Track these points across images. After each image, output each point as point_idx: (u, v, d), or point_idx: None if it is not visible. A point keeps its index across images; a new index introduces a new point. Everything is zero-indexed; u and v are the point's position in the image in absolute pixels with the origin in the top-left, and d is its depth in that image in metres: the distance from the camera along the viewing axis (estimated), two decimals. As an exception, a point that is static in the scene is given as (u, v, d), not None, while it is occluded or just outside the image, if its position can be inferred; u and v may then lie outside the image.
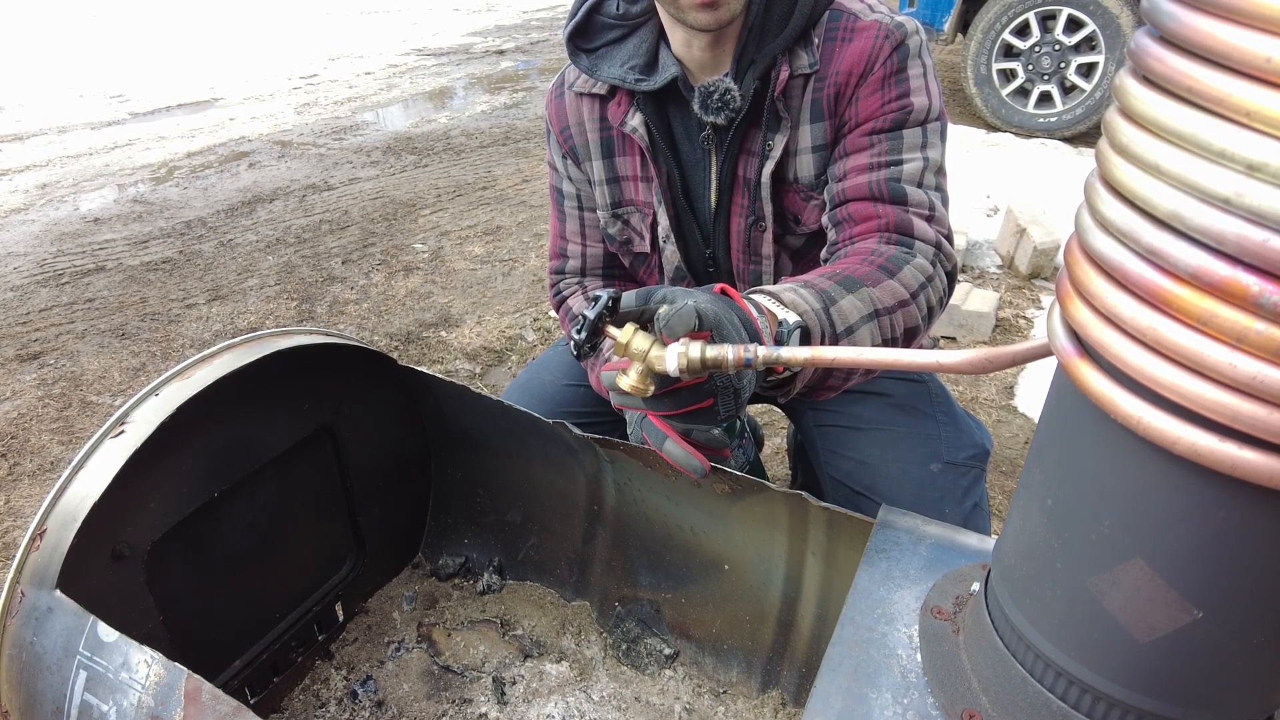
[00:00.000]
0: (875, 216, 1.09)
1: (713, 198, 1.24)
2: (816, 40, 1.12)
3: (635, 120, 1.20)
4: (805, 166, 1.18)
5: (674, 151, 1.23)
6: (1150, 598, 0.51)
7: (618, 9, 1.19)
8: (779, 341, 0.86)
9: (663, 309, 0.77)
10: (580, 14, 1.19)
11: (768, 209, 1.20)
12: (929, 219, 1.09)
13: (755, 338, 0.83)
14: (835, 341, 0.93)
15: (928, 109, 1.11)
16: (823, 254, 1.20)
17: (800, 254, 1.28)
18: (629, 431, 1.17)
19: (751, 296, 0.91)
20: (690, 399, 0.84)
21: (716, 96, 1.12)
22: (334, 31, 10.85)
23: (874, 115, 1.10)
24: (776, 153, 1.16)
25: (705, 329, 0.78)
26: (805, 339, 0.90)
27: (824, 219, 1.18)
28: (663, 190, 1.24)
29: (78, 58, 9.57)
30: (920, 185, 1.10)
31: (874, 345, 0.97)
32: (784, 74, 1.11)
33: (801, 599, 1.22)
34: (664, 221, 1.27)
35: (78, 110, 7.03)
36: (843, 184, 1.12)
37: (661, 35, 1.19)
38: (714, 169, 1.22)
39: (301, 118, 6.44)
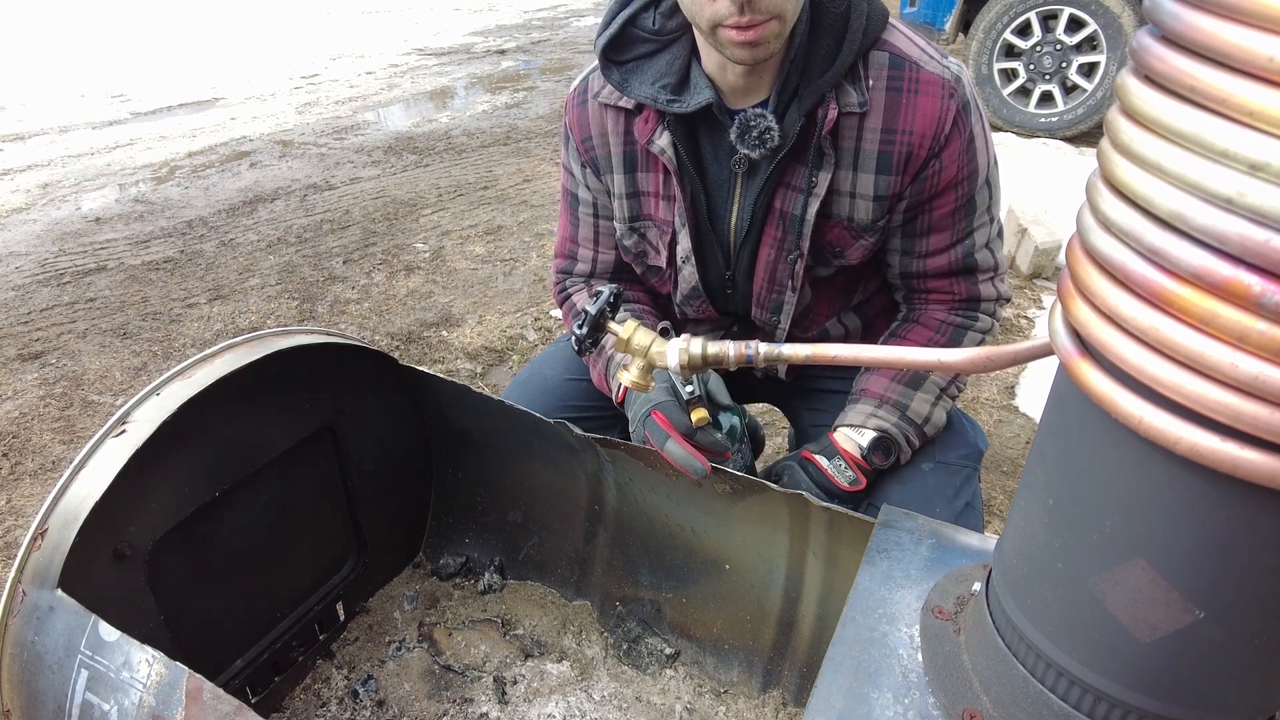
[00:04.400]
0: (949, 292, 1.22)
1: (733, 220, 1.22)
2: (870, 81, 1.09)
3: (663, 140, 1.17)
4: (863, 211, 1.16)
5: (700, 172, 1.20)
6: (1151, 598, 0.51)
7: (654, 23, 1.15)
8: (865, 459, 1.17)
9: None
10: (615, 26, 1.15)
11: (806, 244, 1.18)
12: (993, 277, 1.22)
13: (831, 491, 1.18)
14: (922, 437, 1.20)
15: (989, 162, 1.16)
16: (896, 310, 1.33)
17: (824, 282, 1.27)
18: (630, 430, 1.16)
19: (832, 437, 1.20)
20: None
21: (755, 134, 1.09)
22: (335, 31, 10.85)
23: (951, 186, 1.14)
24: (821, 190, 1.13)
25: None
26: (887, 446, 1.17)
27: (896, 285, 1.28)
28: (686, 211, 1.21)
29: (79, 57, 9.58)
30: (988, 246, 1.21)
31: (947, 416, 1.22)
32: (832, 113, 1.09)
33: (802, 599, 1.22)
34: (685, 243, 1.24)
35: (79, 110, 7.03)
36: (924, 262, 1.21)
37: (694, 53, 1.15)
38: (738, 192, 1.20)
39: (303, 117, 6.44)
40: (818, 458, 1.18)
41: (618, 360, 1.27)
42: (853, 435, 1.18)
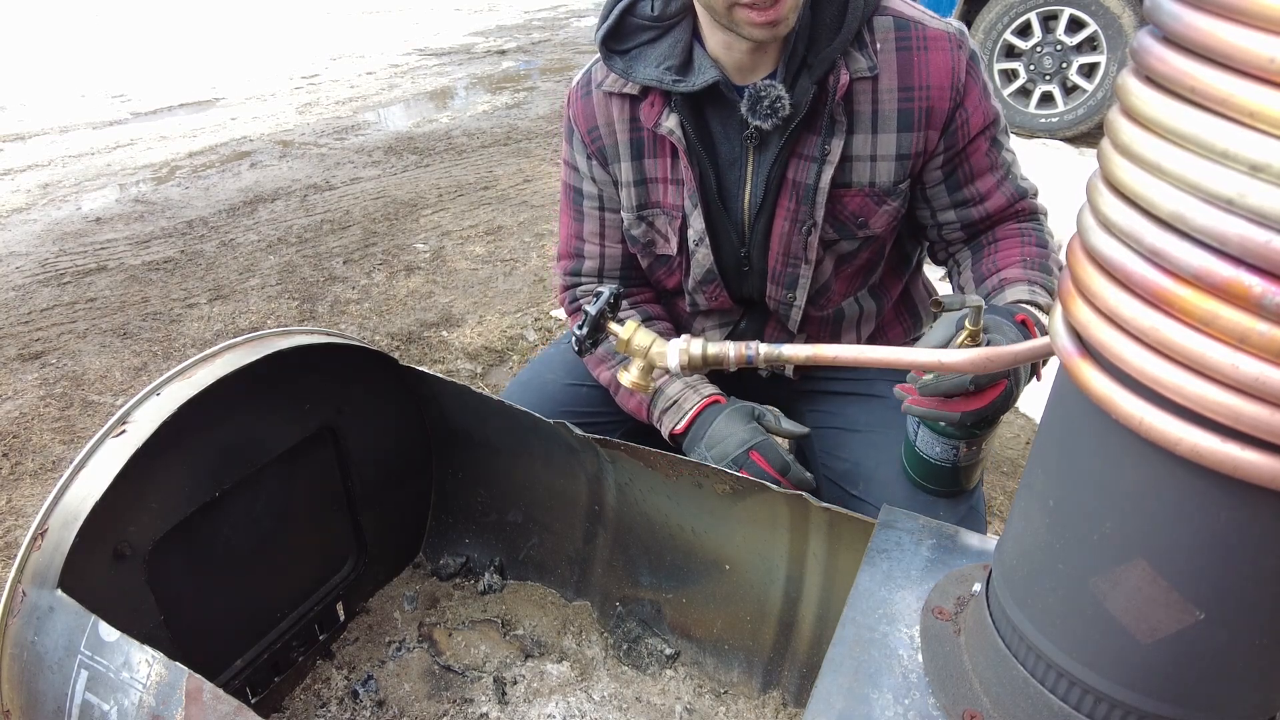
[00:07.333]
0: (1014, 218, 1.25)
1: (746, 197, 1.22)
2: (878, 45, 1.12)
3: (671, 122, 1.17)
4: (884, 174, 1.17)
5: (710, 152, 1.21)
6: (1152, 599, 0.51)
7: (652, 9, 1.16)
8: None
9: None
10: (613, 17, 1.16)
11: (820, 214, 1.18)
12: (1036, 196, 1.27)
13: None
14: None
15: (1000, 106, 1.21)
16: (908, 296, 1.40)
17: (846, 260, 1.27)
18: (727, 467, 1.19)
19: (1033, 314, 1.08)
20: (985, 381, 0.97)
21: (766, 103, 1.11)
22: (335, 31, 10.85)
23: (981, 130, 1.18)
24: (835, 157, 1.15)
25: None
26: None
27: (956, 239, 1.28)
28: (696, 192, 1.22)
29: (80, 57, 9.58)
30: (1024, 177, 1.25)
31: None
32: (844, 79, 1.11)
33: (802, 599, 1.22)
34: (698, 225, 1.24)
35: (80, 110, 7.03)
36: (984, 206, 1.23)
37: (696, 35, 1.16)
38: (750, 167, 1.20)
39: (303, 117, 6.44)
40: (1033, 324, 1.06)
41: (667, 395, 1.28)
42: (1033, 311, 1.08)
